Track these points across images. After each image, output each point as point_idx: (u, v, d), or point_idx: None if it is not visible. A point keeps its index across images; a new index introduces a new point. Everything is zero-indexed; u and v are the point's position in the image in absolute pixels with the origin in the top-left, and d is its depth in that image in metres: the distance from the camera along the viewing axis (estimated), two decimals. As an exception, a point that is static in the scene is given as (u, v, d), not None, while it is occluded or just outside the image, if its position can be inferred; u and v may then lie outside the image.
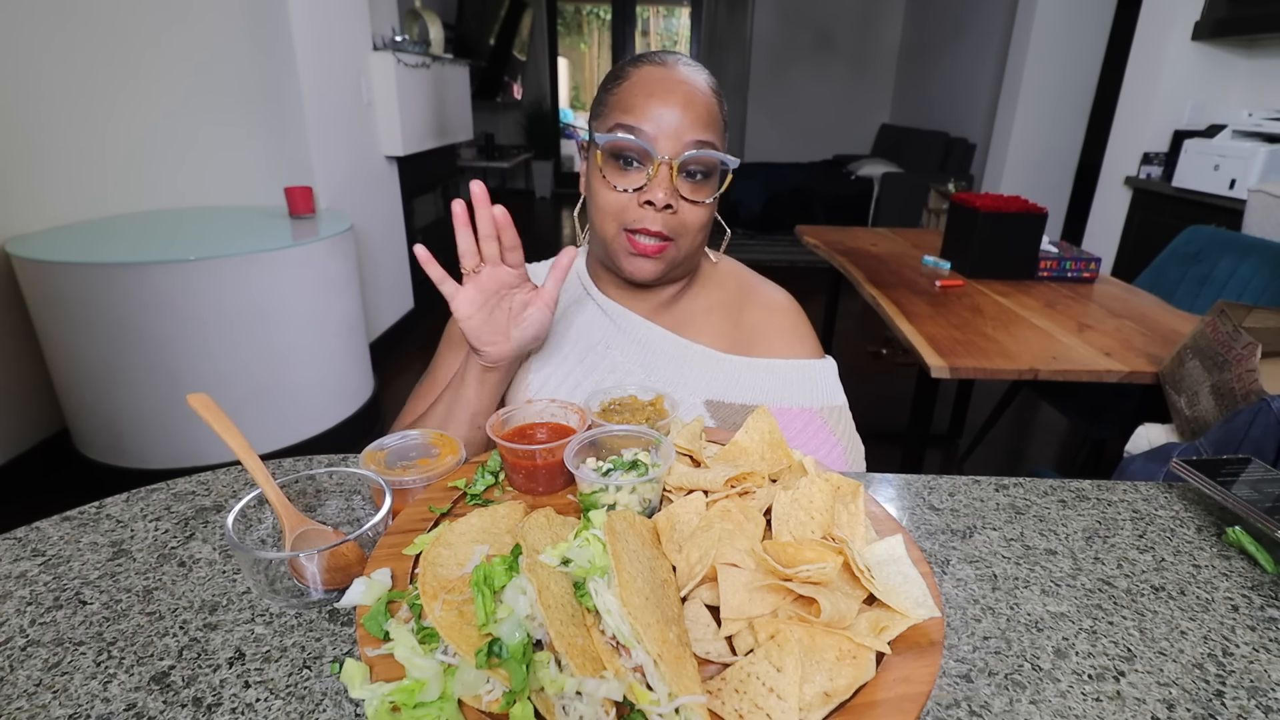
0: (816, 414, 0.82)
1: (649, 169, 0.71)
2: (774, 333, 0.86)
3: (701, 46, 6.89)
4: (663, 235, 0.73)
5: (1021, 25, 4.03)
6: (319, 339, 2.23)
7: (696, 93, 0.72)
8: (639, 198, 0.72)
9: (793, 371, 0.84)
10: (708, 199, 0.74)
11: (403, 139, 3.05)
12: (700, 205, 0.74)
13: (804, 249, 2.71)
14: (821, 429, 0.82)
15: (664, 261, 0.76)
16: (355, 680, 0.41)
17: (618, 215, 0.74)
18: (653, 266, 0.76)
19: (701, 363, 0.82)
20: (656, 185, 0.71)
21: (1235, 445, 0.96)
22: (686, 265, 0.80)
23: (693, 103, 0.71)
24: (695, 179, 0.73)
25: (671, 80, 0.72)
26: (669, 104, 0.71)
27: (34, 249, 1.85)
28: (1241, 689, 0.49)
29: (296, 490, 0.65)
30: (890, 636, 0.42)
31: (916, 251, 2.28)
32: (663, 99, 0.71)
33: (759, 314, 0.87)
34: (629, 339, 0.83)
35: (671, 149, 0.71)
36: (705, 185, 0.73)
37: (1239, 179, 2.40)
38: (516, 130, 7.42)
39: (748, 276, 0.91)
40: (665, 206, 0.72)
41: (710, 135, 0.72)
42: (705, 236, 0.79)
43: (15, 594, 0.55)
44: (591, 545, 0.45)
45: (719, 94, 0.76)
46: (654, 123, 0.71)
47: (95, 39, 2.13)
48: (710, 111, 0.73)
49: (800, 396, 0.83)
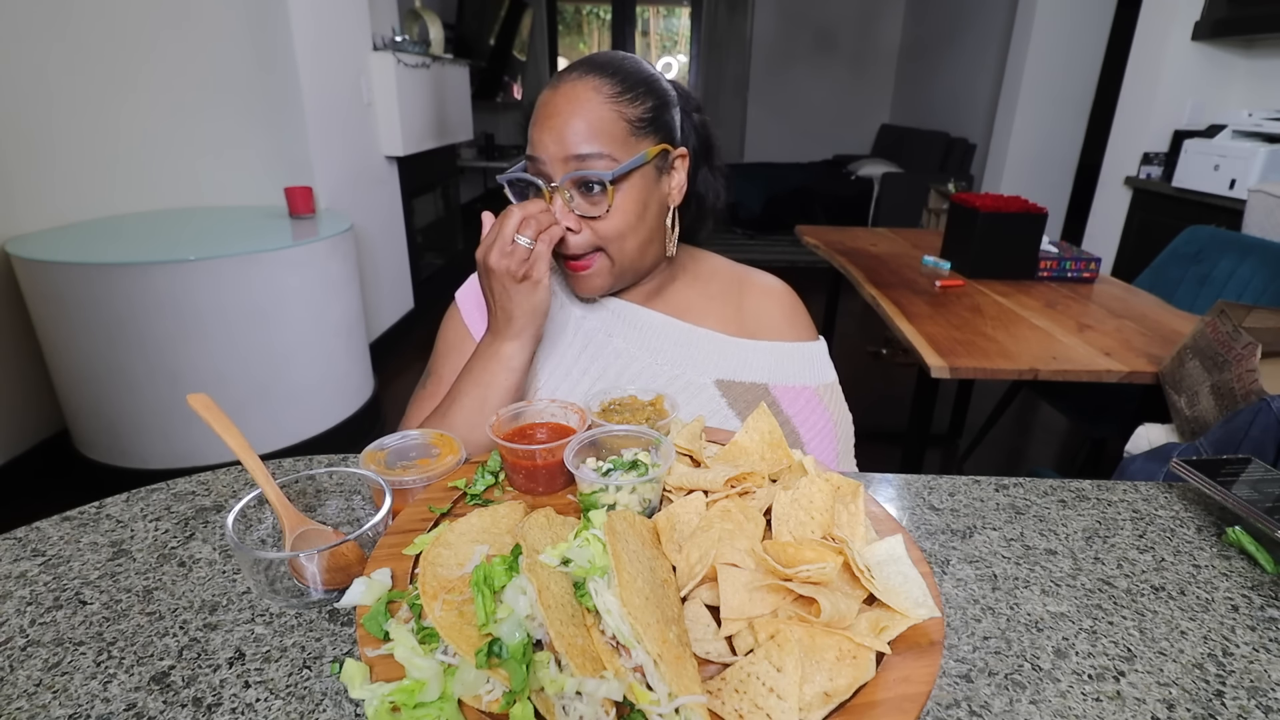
0: (815, 392, 0.87)
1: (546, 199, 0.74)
2: (776, 316, 0.90)
3: (701, 46, 6.89)
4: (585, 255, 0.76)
5: (1021, 25, 4.03)
6: (319, 339, 2.23)
7: (576, 108, 0.72)
8: None
9: (793, 352, 0.88)
10: (605, 209, 0.73)
11: (403, 139, 3.05)
12: (603, 217, 0.74)
13: (804, 249, 2.71)
14: (819, 406, 0.87)
15: (601, 274, 0.78)
16: (355, 680, 0.41)
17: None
18: (593, 281, 0.78)
19: (709, 345, 0.85)
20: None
21: (1235, 445, 0.96)
22: (637, 267, 0.80)
23: (569, 121, 0.71)
24: (591, 191, 0.73)
25: (552, 103, 0.73)
26: (548, 129, 0.72)
27: (34, 249, 1.86)
28: (1241, 689, 0.49)
29: (296, 490, 0.65)
30: (890, 636, 0.42)
31: (916, 251, 2.28)
32: (542, 125, 0.73)
33: (758, 300, 0.90)
34: (629, 326, 0.84)
35: (557, 172, 0.73)
36: (602, 196, 0.73)
37: (1239, 179, 2.40)
38: (516, 130, 7.41)
39: (739, 269, 0.93)
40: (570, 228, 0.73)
41: (594, 145, 0.71)
42: (647, 234, 0.78)
43: (15, 594, 0.55)
44: (591, 545, 0.45)
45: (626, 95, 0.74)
46: (541, 150, 0.73)
47: (95, 39, 2.13)
48: (594, 121, 0.72)
49: (801, 375, 0.87)
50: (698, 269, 0.91)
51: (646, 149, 0.74)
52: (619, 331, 0.84)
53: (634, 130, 0.74)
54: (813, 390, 0.87)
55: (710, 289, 0.89)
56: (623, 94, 0.74)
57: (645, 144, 0.74)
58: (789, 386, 0.85)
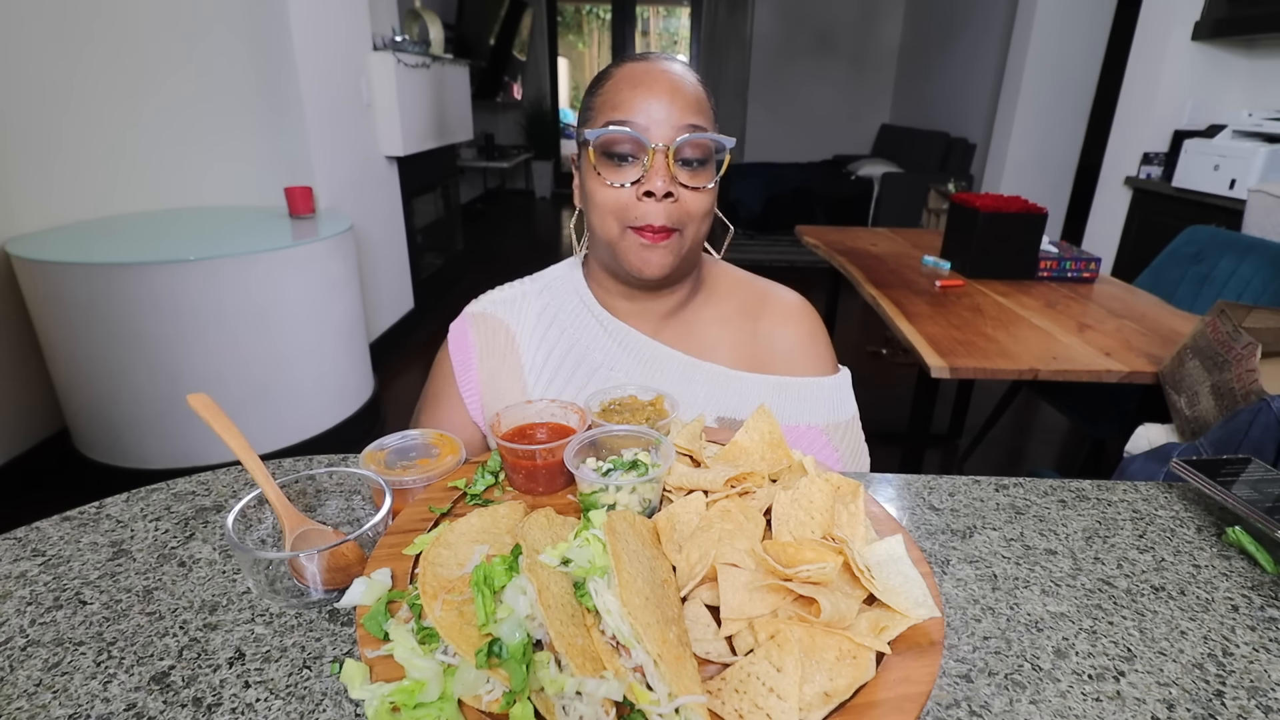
0: (821, 432, 0.82)
1: (644, 160, 0.70)
2: (791, 342, 0.85)
3: (701, 46, 6.88)
4: (667, 228, 0.72)
5: (1021, 25, 4.03)
6: (319, 339, 2.23)
7: (681, 81, 0.72)
8: (638, 190, 0.71)
9: (804, 389, 0.83)
10: (708, 184, 0.73)
11: (403, 139, 3.05)
12: (701, 191, 0.72)
13: (804, 249, 2.71)
14: (825, 446, 0.82)
15: (672, 252, 0.73)
16: (355, 680, 0.41)
17: (619, 213, 0.73)
18: (661, 258, 0.73)
19: (709, 381, 0.81)
20: (654, 174, 0.70)
21: (1235, 445, 0.96)
22: (691, 259, 0.79)
23: (679, 90, 0.71)
24: (692, 166, 0.72)
25: (655, 71, 0.72)
26: (655, 94, 0.71)
27: (34, 249, 1.85)
28: (1241, 689, 0.49)
29: (296, 490, 0.65)
30: (890, 636, 0.42)
31: (916, 251, 2.28)
32: (649, 89, 0.71)
33: (775, 323, 0.85)
34: (634, 359, 0.81)
35: (665, 136, 0.70)
36: (703, 171, 0.73)
37: (1239, 179, 2.40)
38: (516, 130, 7.42)
39: (757, 283, 0.89)
40: (666, 195, 0.70)
41: (701, 119, 0.72)
42: (708, 227, 0.78)
43: (15, 594, 0.55)
44: (591, 545, 0.45)
45: (705, 86, 0.76)
46: (644, 114, 0.70)
47: (95, 39, 2.13)
48: (698, 97, 0.73)
49: (808, 414, 0.82)
50: (716, 284, 0.87)
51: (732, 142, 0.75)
52: (622, 365, 0.81)
53: (716, 118, 0.75)
54: (819, 430, 0.82)
55: (725, 310, 0.85)
56: (704, 83, 0.76)
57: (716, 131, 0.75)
58: (792, 427, 0.81)
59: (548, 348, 0.83)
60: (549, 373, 0.82)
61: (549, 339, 0.83)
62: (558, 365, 0.82)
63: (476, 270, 4.57)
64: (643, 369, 0.81)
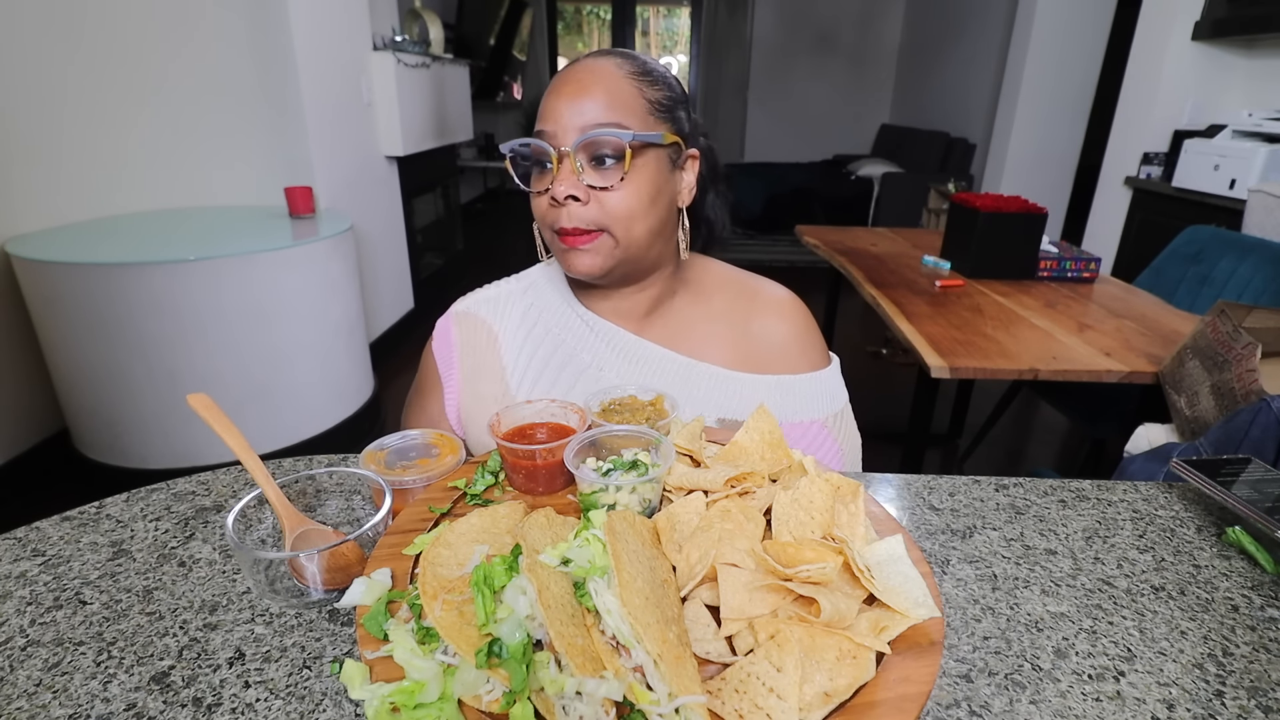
0: (824, 425, 0.82)
1: (553, 166, 0.70)
2: (786, 337, 0.84)
3: (701, 46, 6.88)
4: (586, 230, 0.71)
5: (1021, 25, 4.03)
6: (319, 339, 2.23)
7: (598, 79, 0.70)
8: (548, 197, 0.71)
9: (804, 385, 0.82)
10: (620, 178, 0.70)
11: (403, 139, 3.05)
12: (614, 189, 0.70)
13: (804, 249, 2.71)
14: (828, 439, 0.82)
15: (600, 254, 0.72)
16: (355, 681, 0.41)
17: (543, 220, 0.73)
18: (589, 260, 0.72)
19: (709, 382, 0.80)
20: (558, 180, 0.69)
21: (1235, 445, 0.96)
22: (642, 258, 0.76)
23: (585, 91, 0.69)
24: (605, 165, 0.70)
25: (566, 75, 0.71)
26: (563, 98, 0.70)
27: (34, 249, 1.85)
28: (1241, 689, 0.49)
29: (296, 490, 0.65)
30: (890, 636, 0.42)
31: (916, 251, 2.28)
32: (557, 94, 0.70)
33: (766, 320, 0.84)
34: (623, 358, 0.80)
35: (569, 139, 0.69)
36: (616, 168, 0.70)
37: (1239, 179, 2.40)
38: (516, 130, 7.35)
39: (745, 279, 0.88)
40: (568, 198, 0.69)
41: (612, 116, 0.69)
42: (656, 224, 0.74)
43: (15, 594, 0.55)
44: (591, 545, 0.45)
45: (646, 76, 0.73)
46: (553, 120, 0.70)
47: (96, 40, 2.13)
48: (616, 93, 0.70)
49: (811, 409, 0.82)
50: (700, 282, 0.85)
51: (663, 133, 0.72)
52: (611, 365, 0.80)
53: (652, 110, 0.72)
54: (821, 423, 0.82)
55: (713, 308, 0.84)
56: (643, 75, 0.73)
57: (662, 129, 0.72)
58: (797, 423, 0.81)
59: (532, 348, 0.82)
60: (534, 373, 0.81)
61: (534, 338, 0.82)
62: (543, 365, 0.81)
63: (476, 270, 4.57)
64: (632, 367, 0.80)
